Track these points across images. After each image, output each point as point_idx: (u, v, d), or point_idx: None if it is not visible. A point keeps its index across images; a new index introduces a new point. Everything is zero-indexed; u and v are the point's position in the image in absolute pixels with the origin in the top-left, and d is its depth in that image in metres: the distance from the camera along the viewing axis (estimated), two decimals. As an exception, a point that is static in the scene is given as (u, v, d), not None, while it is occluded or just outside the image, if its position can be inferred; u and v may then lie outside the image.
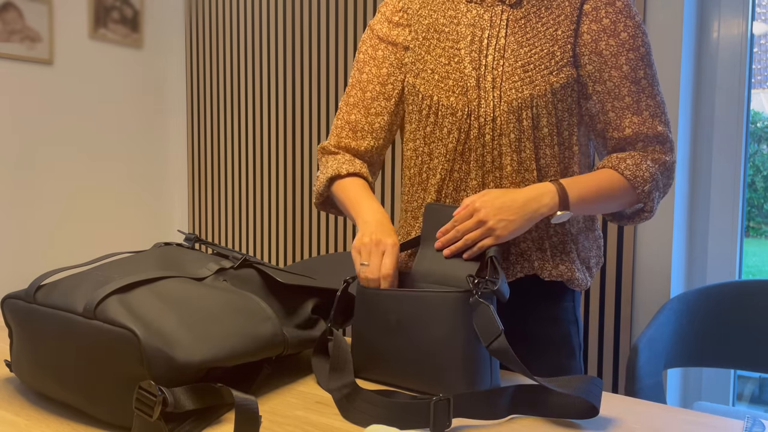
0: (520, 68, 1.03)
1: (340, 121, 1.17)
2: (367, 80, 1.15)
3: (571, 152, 1.07)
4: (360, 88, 1.15)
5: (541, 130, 1.04)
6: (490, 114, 1.03)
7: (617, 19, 1.04)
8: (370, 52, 1.16)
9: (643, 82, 1.05)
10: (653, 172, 1.04)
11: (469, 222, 0.96)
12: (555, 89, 1.03)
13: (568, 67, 1.04)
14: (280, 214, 2.50)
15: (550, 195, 0.98)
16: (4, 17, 2.20)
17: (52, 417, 0.81)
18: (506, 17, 1.05)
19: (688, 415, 0.85)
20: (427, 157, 1.10)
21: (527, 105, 1.02)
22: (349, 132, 1.15)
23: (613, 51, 1.04)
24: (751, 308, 1.59)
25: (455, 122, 1.05)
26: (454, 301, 0.88)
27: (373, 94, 1.14)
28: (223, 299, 0.89)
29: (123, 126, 2.60)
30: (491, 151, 1.04)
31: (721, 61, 1.80)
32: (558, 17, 1.05)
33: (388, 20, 1.15)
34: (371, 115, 1.14)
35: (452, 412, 0.79)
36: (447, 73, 1.07)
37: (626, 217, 1.10)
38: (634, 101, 1.04)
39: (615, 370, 1.83)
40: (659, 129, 1.05)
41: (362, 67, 1.16)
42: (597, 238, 1.15)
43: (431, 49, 1.09)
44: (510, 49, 1.04)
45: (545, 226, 1.06)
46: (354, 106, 1.15)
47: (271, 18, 2.46)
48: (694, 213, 1.87)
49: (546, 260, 1.06)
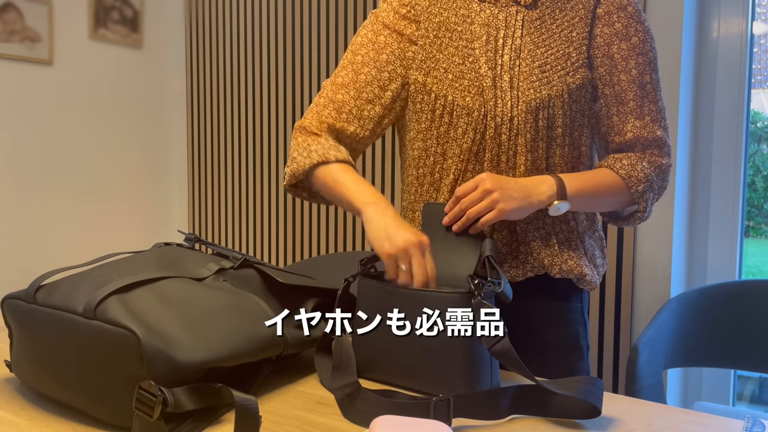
0: (537, 68, 1.03)
1: (324, 99, 1.09)
2: (362, 62, 1.08)
3: (578, 152, 1.08)
4: (352, 69, 1.09)
5: (555, 131, 1.04)
6: (507, 114, 1.03)
7: (629, 24, 1.05)
8: (370, 36, 1.10)
9: (648, 87, 1.06)
10: (648, 174, 1.05)
11: (475, 193, 0.96)
12: (571, 90, 1.04)
13: (583, 69, 1.05)
14: (280, 214, 2.50)
15: (548, 184, 0.99)
16: (4, 17, 2.20)
17: (52, 417, 0.81)
18: (521, 18, 1.05)
19: (688, 415, 0.85)
20: (440, 157, 1.08)
21: (545, 105, 1.03)
22: (333, 111, 1.07)
23: (624, 55, 1.05)
24: (751, 308, 1.59)
25: (471, 122, 1.04)
26: (455, 301, 0.88)
27: (368, 78, 1.08)
28: (224, 299, 0.89)
29: (123, 126, 2.60)
30: (506, 151, 1.04)
31: (721, 61, 1.80)
32: (572, 19, 1.05)
33: (395, 11, 1.11)
34: (361, 100, 1.07)
35: (452, 412, 0.79)
36: (461, 73, 1.05)
37: (622, 218, 1.12)
38: (637, 106, 1.06)
39: (615, 370, 1.83)
40: (658, 133, 1.07)
41: (358, 49, 1.10)
42: (599, 238, 1.16)
43: (443, 47, 1.07)
44: (526, 49, 1.04)
45: (551, 223, 1.07)
46: (342, 86, 1.08)
47: (271, 18, 2.46)
48: (694, 213, 1.87)
49: (555, 255, 1.07)
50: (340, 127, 1.08)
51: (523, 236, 1.07)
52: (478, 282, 0.89)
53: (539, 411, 0.83)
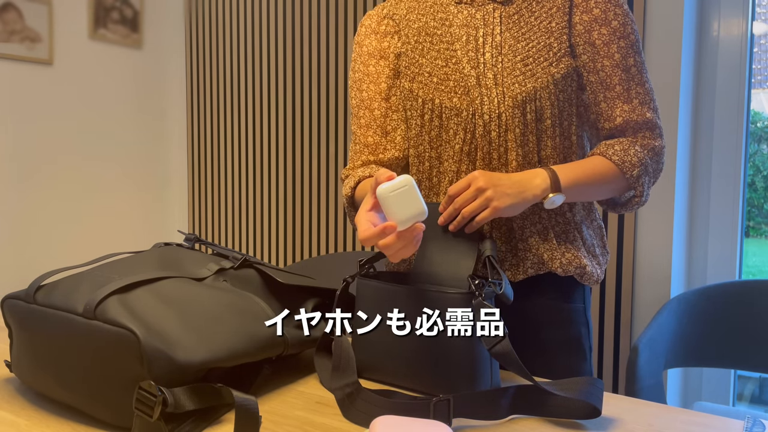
0: (519, 62, 1.04)
1: (358, 145, 1.15)
2: (370, 98, 1.13)
3: (569, 142, 1.08)
4: (366, 107, 1.14)
5: (544, 122, 1.04)
6: (495, 111, 1.03)
7: (607, 8, 1.05)
8: (363, 69, 1.14)
9: (633, 69, 1.05)
10: (641, 157, 1.04)
11: (468, 192, 0.95)
12: (556, 80, 1.04)
13: (566, 58, 1.05)
14: (280, 214, 2.50)
15: (542, 177, 0.99)
16: (4, 17, 2.20)
17: (52, 417, 0.81)
18: (499, 14, 1.06)
19: (688, 415, 0.85)
20: (436, 161, 1.09)
21: (531, 98, 1.03)
22: (369, 155, 1.14)
23: (605, 40, 1.05)
24: (751, 308, 1.59)
25: (460, 123, 1.05)
26: (456, 302, 0.88)
27: (381, 111, 1.13)
28: (223, 299, 0.89)
29: (123, 126, 2.60)
30: (497, 148, 1.04)
31: (721, 61, 1.80)
32: (550, 10, 1.05)
33: (374, 32, 1.14)
34: (389, 132, 1.13)
35: (452, 412, 0.79)
36: (446, 75, 1.06)
37: (620, 204, 1.11)
38: (624, 90, 1.05)
39: (615, 370, 1.83)
40: (648, 115, 1.06)
41: (360, 85, 1.15)
42: (598, 227, 1.15)
43: (425, 52, 1.09)
44: (507, 44, 1.05)
45: (548, 216, 1.07)
46: (367, 127, 1.14)
47: (271, 18, 2.46)
48: (694, 213, 1.87)
49: (554, 249, 1.06)
50: (380, 159, 1.13)
51: (521, 233, 1.07)
52: (478, 282, 0.89)
53: (539, 411, 0.83)
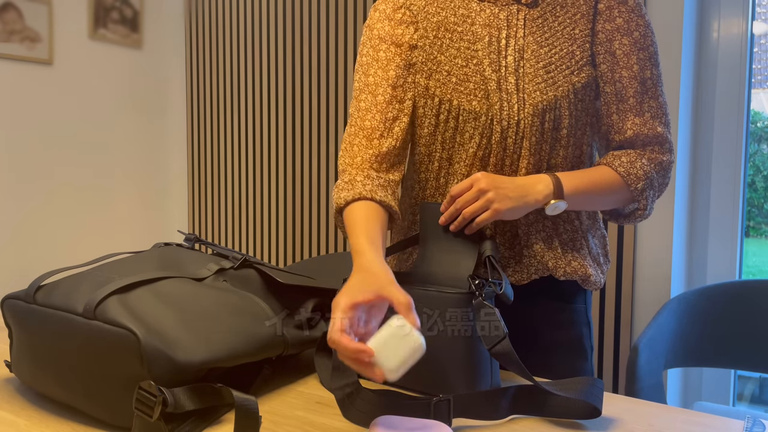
0: (542, 69, 1.02)
1: (354, 128, 1.09)
2: (375, 83, 1.08)
3: (580, 151, 1.07)
4: (369, 92, 1.08)
5: (560, 132, 1.03)
6: (514, 117, 1.01)
7: (630, 18, 1.04)
8: (372, 53, 1.09)
9: (649, 82, 1.04)
10: (647, 171, 1.03)
11: (470, 193, 0.95)
12: (576, 89, 1.02)
13: (588, 67, 1.03)
14: (280, 214, 2.49)
15: (545, 183, 0.98)
16: (4, 17, 2.20)
17: (52, 417, 0.81)
18: (523, 16, 1.03)
19: (688, 415, 0.85)
20: (446, 162, 1.07)
21: (551, 107, 1.01)
22: (363, 139, 1.06)
23: (625, 50, 1.03)
24: (751, 308, 1.59)
25: (477, 127, 1.03)
26: (456, 302, 0.88)
27: (385, 98, 1.07)
28: (223, 299, 0.89)
29: (123, 126, 2.60)
30: (511, 155, 1.03)
31: (721, 61, 1.80)
32: (574, 16, 1.04)
33: (388, 18, 1.09)
34: (389, 120, 1.07)
35: (452, 413, 0.79)
36: (466, 76, 1.03)
37: (623, 216, 1.10)
38: (637, 102, 1.04)
39: (615, 371, 1.83)
40: (659, 130, 1.05)
41: (367, 69, 1.09)
42: (602, 236, 1.14)
43: (444, 49, 1.05)
44: (530, 49, 1.03)
45: (554, 224, 1.06)
46: (367, 111, 1.08)
47: (271, 18, 2.46)
48: (694, 213, 1.87)
49: (558, 258, 1.06)
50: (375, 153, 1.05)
51: (526, 239, 1.06)
52: (479, 282, 0.89)
53: (539, 411, 0.83)
